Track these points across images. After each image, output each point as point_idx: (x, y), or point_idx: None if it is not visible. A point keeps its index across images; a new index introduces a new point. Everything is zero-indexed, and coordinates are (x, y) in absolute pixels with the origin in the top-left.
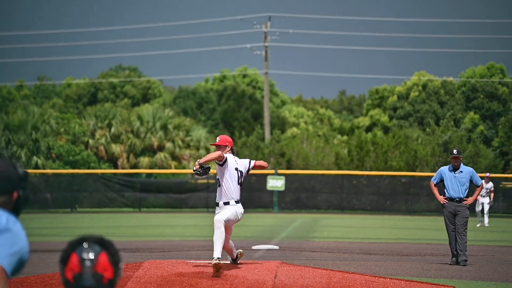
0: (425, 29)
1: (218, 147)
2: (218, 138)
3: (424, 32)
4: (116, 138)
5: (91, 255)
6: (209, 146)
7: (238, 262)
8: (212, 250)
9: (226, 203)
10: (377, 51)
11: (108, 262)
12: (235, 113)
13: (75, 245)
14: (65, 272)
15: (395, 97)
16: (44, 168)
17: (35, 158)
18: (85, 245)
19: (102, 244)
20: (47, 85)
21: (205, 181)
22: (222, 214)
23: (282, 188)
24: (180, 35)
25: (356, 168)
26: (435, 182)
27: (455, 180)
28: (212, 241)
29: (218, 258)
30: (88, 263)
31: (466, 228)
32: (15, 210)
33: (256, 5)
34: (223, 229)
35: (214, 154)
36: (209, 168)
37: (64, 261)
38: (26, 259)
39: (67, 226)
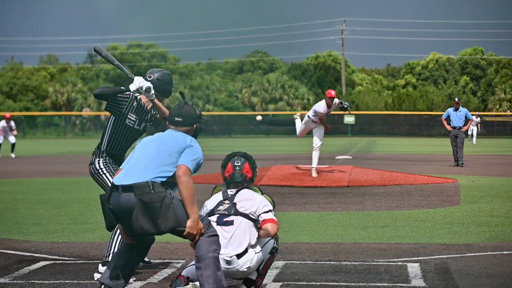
0: (438, 26)
1: (333, 98)
2: (332, 92)
3: (437, 28)
4: (254, 93)
5: (239, 163)
6: (309, 97)
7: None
8: (311, 160)
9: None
10: (409, 40)
11: (249, 167)
12: (324, 77)
13: (230, 157)
14: (224, 173)
15: (419, 67)
16: (212, 111)
17: (207, 105)
18: (236, 157)
19: (246, 156)
20: (214, 62)
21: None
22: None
23: (353, 122)
24: (292, 31)
25: (397, 110)
26: (444, 118)
27: (456, 116)
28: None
29: (315, 167)
30: (237, 168)
31: (463, 145)
32: (194, 135)
33: (336, 12)
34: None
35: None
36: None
37: (224, 166)
38: (201, 163)
39: (226, 146)
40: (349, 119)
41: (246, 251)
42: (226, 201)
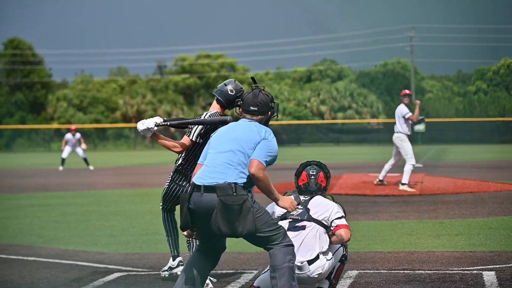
0: (509, 31)
1: (405, 95)
2: (407, 91)
3: (508, 33)
4: (322, 102)
5: (314, 171)
6: (378, 105)
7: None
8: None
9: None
10: (479, 46)
11: (324, 176)
12: (393, 85)
13: (305, 166)
14: (298, 181)
15: (490, 73)
16: (281, 120)
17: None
18: (310, 165)
19: (320, 165)
20: (282, 71)
21: (377, 126)
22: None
23: (424, 130)
24: (360, 39)
25: (468, 117)
26: None
27: None
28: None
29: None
30: (312, 176)
31: None
32: (266, 123)
33: (405, 19)
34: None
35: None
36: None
37: (298, 175)
38: (275, 156)
39: (298, 154)
40: (419, 127)
41: (317, 257)
42: (300, 206)
